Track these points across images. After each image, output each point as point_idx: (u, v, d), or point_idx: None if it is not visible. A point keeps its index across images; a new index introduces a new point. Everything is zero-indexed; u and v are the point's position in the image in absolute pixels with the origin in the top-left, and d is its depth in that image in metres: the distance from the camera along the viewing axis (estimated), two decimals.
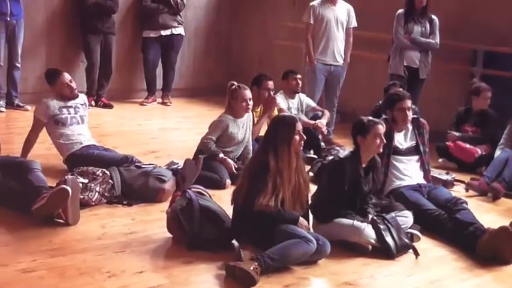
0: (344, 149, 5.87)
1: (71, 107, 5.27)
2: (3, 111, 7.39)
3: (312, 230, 3.96)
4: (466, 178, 5.75)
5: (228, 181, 5.11)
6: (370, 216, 4.07)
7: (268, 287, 3.45)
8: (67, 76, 5.31)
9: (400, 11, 6.73)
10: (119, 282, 3.38)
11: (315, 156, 6.06)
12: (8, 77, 7.50)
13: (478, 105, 6.32)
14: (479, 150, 6.15)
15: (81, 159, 4.94)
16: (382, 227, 3.98)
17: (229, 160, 5.28)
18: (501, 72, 6.78)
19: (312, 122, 6.31)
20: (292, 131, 3.80)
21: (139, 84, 8.88)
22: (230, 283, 3.46)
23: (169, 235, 3.98)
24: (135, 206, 4.55)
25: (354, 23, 7.05)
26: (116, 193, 4.59)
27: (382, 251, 3.95)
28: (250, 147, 5.53)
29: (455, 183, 5.63)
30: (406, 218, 4.19)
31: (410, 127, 4.84)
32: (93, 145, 5.25)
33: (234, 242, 3.89)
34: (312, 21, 6.90)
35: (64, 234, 3.96)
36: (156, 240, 3.96)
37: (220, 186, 5.05)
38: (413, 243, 4.09)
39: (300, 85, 6.51)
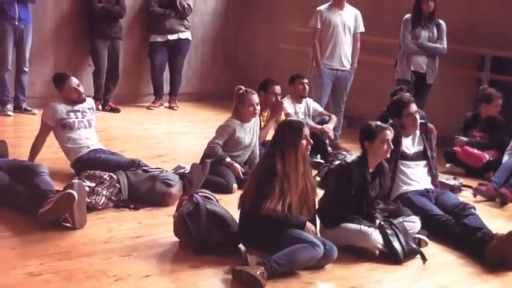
0: (351, 153, 5.87)
1: (79, 111, 5.28)
2: (10, 115, 7.43)
3: (319, 235, 3.95)
4: (474, 183, 5.73)
5: (235, 185, 5.10)
6: (378, 221, 4.06)
7: None
8: (74, 80, 5.32)
9: (408, 16, 6.71)
10: (126, 286, 3.38)
11: (322, 161, 6.05)
12: (15, 81, 7.54)
13: (488, 112, 6.26)
14: (487, 156, 6.12)
15: (88, 163, 4.95)
16: (389, 232, 3.97)
17: (236, 164, 5.27)
18: (508, 77, 6.75)
19: (319, 126, 6.30)
20: (299, 136, 3.79)
21: (146, 89, 8.90)
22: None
23: (176, 239, 3.97)
24: (142, 210, 4.55)
25: (361, 28, 7.03)
26: (123, 197, 4.59)
27: (390, 256, 3.93)
28: (257, 152, 5.53)
29: (462, 188, 5.61)
30: (413, 223, 4.17)
31: (417, 132, 4.82)
32: (100, 149, 5.26)
33: (241, 246, 3.88)
34: (319, 26, 6.88)
35: (71, 238, 3.96)
36: (162, 244, 3.96)
37: (227, 190, 5.04)
38: (421, 249, 4.07)
39: (307, 90, 6.50)
